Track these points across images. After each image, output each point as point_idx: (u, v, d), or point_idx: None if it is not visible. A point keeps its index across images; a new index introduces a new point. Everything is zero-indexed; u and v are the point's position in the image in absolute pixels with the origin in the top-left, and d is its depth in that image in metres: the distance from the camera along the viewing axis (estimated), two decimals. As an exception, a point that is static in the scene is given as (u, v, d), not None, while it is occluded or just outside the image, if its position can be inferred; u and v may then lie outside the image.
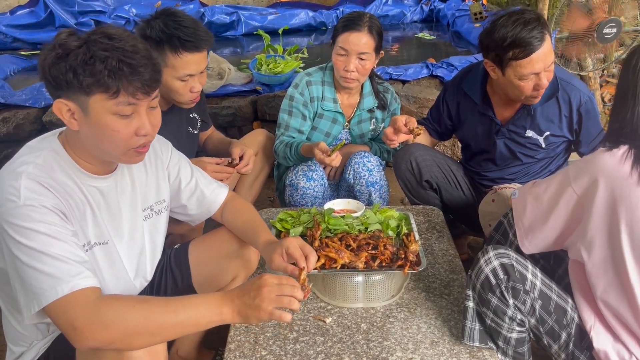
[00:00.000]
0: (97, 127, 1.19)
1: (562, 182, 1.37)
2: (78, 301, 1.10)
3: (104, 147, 1.23)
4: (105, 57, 1.14)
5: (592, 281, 1.36)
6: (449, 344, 1.45)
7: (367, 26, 2.15)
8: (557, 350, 1.43)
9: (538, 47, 1.79)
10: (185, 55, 1.78)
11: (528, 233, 1.46)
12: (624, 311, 1.33)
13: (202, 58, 1.84)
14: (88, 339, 1.09)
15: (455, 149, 3.30)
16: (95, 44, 1.15)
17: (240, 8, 4.65)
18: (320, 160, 2.04)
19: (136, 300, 1.15)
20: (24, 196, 1.14)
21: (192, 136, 2.13)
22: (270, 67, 3.33)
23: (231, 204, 1.63)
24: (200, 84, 1.88)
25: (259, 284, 1.20)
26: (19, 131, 3.04)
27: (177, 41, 1.75)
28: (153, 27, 1.77)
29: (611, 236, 1.29)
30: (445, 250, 1.87)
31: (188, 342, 1.77)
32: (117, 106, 1.17)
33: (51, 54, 1.16)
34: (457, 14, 4.57)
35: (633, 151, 1.25)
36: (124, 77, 1.15)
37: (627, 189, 1.24)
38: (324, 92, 2.30)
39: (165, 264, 1.61)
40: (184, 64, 1.79)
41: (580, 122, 2.02)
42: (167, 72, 1.79)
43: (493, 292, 1.38)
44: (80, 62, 1.13)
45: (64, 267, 1.11)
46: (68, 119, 1.20)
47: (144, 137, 1.24)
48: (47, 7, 4.34)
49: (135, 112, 1.21)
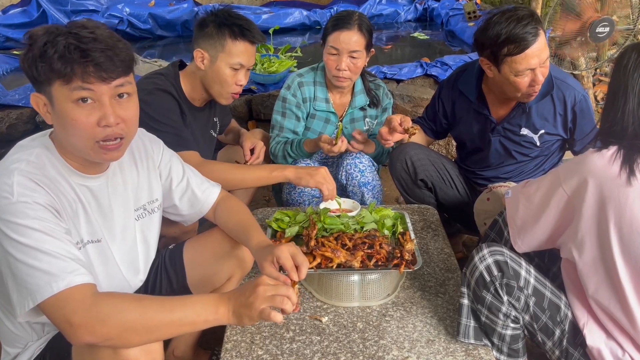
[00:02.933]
0: (60, 117, 1.18)
1: (553, 182, 1.38)
2: (74, 297, 1.09)
3: (71, 139, 1.21)
4: (56, 42, 1.12)
5: (583, 280, 1.37)
6: (445, 342, 1.45)
7: (357, 24, 2.15)
8: (551, 347, 1.44)
9: (532, 42, 1.80)
10: (242, 43, 1.90)
11: (520, 232, 1.47)
12: (615, 310, 1.34)
13: (254, 52, 1.97)
14: (84, 335, 1.08)
15: (450, 147, 3.31)
16: (53, 33, 1.14)
17: (234, 7, 4.57)
18: (329, 151, 2.10)
19: (132, 298, 1.15)
20: (17, 193, 1.13)
21: (213, 139, 2.19)
22: (265, 67, 3.33)
23: (224, 203, 1.62)
24: (245, 80, 1.97)
25: (255, 283, 1.19)
26: (12, 131, 3.02)
27: (238, 29, 1.89)
28: (218, 15, 1.92)
29: (601, 236, 1.30)
30: (440, 249, 1.87)
31: (184, 342, 1.76)
32: (72, 92, 1.15)
33: (24, 49, 1.16)
34: (451, 13, 4.58)
35: (622, 152, 1.26)
36: (74, 61, 1.13)
37: (615, 190, 1.24)
38: (316, 92, 2.30)
39: (160, 264, 1.61)
40: (239, 52, 1.90)
41: (575, 121, 2.03)
42: (221, 58, 1.90)
43: (487, 289, 1.39)
44: (37, 50, 1.13)
45: (59, 264, 1.10)
46: (44, 112, 1.20)
47: (108, 129, 1.20)
48: (40, 6, 4.32)
49: (97, 101, 1.18)
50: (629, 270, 1.29)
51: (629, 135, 1.28)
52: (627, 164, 1.24)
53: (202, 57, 1.91)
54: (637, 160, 1.25)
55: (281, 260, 1.35)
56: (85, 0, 4.39)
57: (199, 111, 2.04)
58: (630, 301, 1.30)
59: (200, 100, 2.03)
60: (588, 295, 1.38)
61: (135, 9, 4.40)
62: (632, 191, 1.23)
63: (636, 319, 1.31)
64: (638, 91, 1.28)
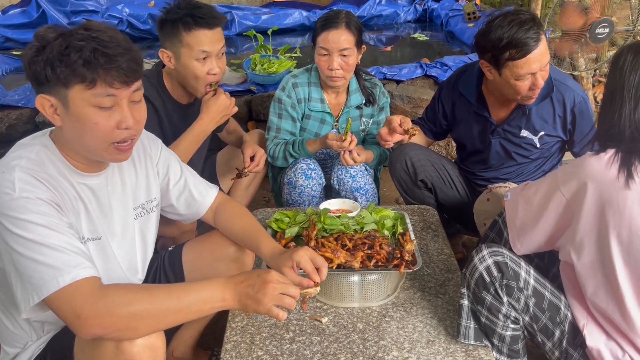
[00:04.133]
0: (78, 121, 1.18)
1: (552, 185, 1.38)
2: (81, 290, 1.09)
3: (86, 141, 1.22)
4: (80, 47, 1.13)
5: (581, 282, 1.38)
6: (445, 343, 1.45)
7: (345, 22, 2.15)
8: (551, 347, 1.44)
9: (534, 47, 1.79)
10: (197, 31, 1.82)
11: (519, 234, 1.47)
12: (613, 312, 1.34)
13: (216, 36, 1.87)
14: (93, 327, 1.08)
15: (450, 148, 3.31)
16: (72, 35, 1.14)
17: (234, 8, 4.64)
18: (339, 147, 2.09)
19: (139, 287, 1.16)
20: (19, 188, 1.13)
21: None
22: (265, 67, 3.33)
23: (224, 207, 1.61)
24: (219, 68, 1.89)
25: (264, 278, 1.20)
26: (11, 131, 3.02)
27: (190, 18, 1.81)
28: (169, 11, 1.84)
29: (600, 239, 1.30)
30: (440, 250, 1.87)
31: (184, 343, 1.76)
32: (95, 97, 1.16)
33: (31, 50, 1.15)
34: (451, 13, 4.58)
35: (620, 155, 1.25)
36: (100, 66, 1.14)
37: (614, 193, 1.24)
38: (311, 93, 2.30)
39: (159, 265, 1.61)
40: (198, 41, 1.82)
41: (574, 123, 2.03)
42: (184, 54, 1.83)
43: (487, 289, 1.39)
44: (57, 53, 1.13)
45: (64, 258, 1.11)
46: (51, 114, 1.20)
47: (126, 131, 1.22)
48: (40, 7, 4.31)
49: (116, 105, 1.20)
50: (628, 273, 1.29)
51: (626, 139, 1.27)
52: (625, 167, 1.24)
53: (168, 57, 1.87)
54: (634, 163, 1.24)
55: (302, 265, 1.38)
56: (84, 1, 4.39)
57: (187, 108, 2.01)
58: (629, 304, 1.30)
59: (185, 97, 2.00)
60: (586, 298, 1.38)
61: (135, 10, 4.38)
62: (631, 194, 1.23)
63: (634, 322, 1.31)
64: (634, 93, 1.26)
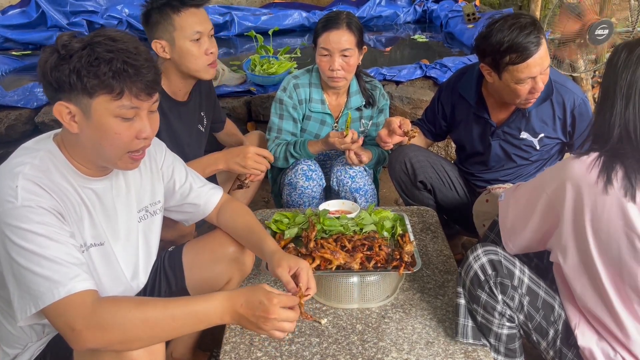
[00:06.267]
0: (99, 130, 1.19)
1: (537, 187, 1.38)
2: (75, 304, 1.09)
3: (104, 150, 1.23)
4: (110, 59, 1.14)
5: (570, 283, 1.38)
6: (444, 344, 1.46)
7: (346, 23, 2.15)
8: (546, 347, 1.45)
9: (535, 51, 1.79)
10: (187, 10, 1.85)
11: (511, 235, 1.48)
12: (602, 314, 1.34)
13: (204, 15, 1.90)
14: (86, 341, 1.09)
15: (449, 149, 3.31)
16: (100, 46, 1.15)
17: (234, 8, 4.64)
18: (341, 144, 2.09)
19: (134, 303, 1.15)
20: (21, 197, 1.13)
21: (201, 133, 2.16)
22: (264, 68, 3.33)
23: (228, 206, 1.63)
24: (213, 46, 1.92)
25: (267, 307, 1.17)
26: (11, 132, 3.01)
27: (176, 1, 1.84)
28: (152, 1, 1.85)
29: (579, 242, 1.30)
30: (439, 251, 1.87)
31: (183, 344, 1.76)
32: (120, 109, 1.18)
33: (53, 56, 1.15)
34: (450, 14, 4.58)
35: (602, 159, 1.24)
36: (128, 78, 1.16)
37: (592, 197, 1.23)
38: (311, 93, 2.30)
39: (159, 266, 1.61)
40: (191, 22, 1.85)
41: (574, 125, 2.03)
42: (178, 37, 1.85)
43: (482, 288, 1.40)
44: (85, 63, 1.13)
45: (61, 270, 1.11)
46: (68, 121, 1.20)
47: (143, 141, 1.25)
48: (39, 7, 4.30)
49: (137, 115, 1.22)
50: (609, 275, 1.29)
51: (614, 138, 1.25)
52: (605, 173, 1.22)
53: (162, 47, 1.88)
54: (615, 168, 1.22)
55: (301, 272, 1.37)
56: (84, 1, 4.38)
57: (182, 106, 2.02)
58: (616, 305, 1.30)
59: (182, 92, 2.00)
60: (576, 298, 1.38)
61: (135, 10, 4.37)
62: (609, 199, 1.22)
63: (623, 323, 1.31)
64: (626, 91, 1.24)
